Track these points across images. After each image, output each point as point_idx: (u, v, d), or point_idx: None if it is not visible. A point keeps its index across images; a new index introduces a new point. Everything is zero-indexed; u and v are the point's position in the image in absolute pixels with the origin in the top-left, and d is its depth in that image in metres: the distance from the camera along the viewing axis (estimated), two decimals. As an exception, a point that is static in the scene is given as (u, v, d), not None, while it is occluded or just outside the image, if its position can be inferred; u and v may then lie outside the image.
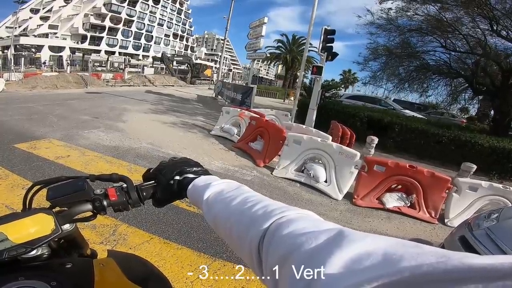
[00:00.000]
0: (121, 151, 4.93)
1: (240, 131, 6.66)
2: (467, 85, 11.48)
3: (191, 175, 0.64)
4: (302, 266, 0.28)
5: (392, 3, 10.85)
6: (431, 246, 0.24)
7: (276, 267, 0.31)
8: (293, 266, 0.29)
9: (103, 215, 0.61)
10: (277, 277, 0.31)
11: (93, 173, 0.64)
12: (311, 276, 0.26)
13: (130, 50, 53.07)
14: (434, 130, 7.69)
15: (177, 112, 10.16)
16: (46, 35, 43.77)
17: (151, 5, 57.01)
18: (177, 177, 0.63)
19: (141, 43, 55.93)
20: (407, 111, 13.64)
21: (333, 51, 8.29)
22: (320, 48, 8.23)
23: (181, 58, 34.73)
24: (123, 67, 30.16)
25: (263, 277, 0.35)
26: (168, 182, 0.63)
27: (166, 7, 61.12)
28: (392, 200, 4.05)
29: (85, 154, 4.55)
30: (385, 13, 11.05)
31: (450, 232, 2.80)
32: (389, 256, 0.24)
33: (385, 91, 13.79)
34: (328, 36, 8.17)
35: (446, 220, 3.94)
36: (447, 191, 3.97)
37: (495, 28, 9.11)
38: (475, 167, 4.57)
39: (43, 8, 47.18)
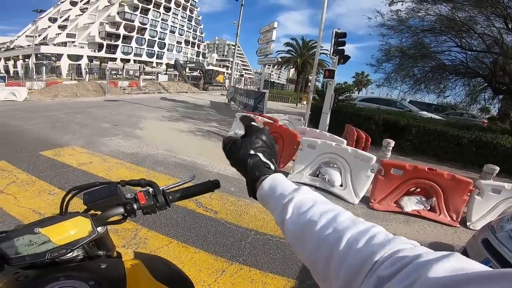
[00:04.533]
0: (140, 157, 5.08)
1: (253, 136, 6.67)
2: (486, 84, 11.12)
3: (272, 165, 0.59)
4: (414, 270, 0.32)
5: (402, 4, 10.69)
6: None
7: (387, 277, 0.34)
8: (404, 272, 0.33)
9: (133, 218, 0.65)
10: (384, 285, 0.34)
11: (115, 179, 0.68)
12: (419, 274, 0.31)
13: (144, 57, 54.45)
14: (453, 131, 7.47)
15: (192, 119, 10.33)
16: (64, 44, 45.40)
17: (163, 13, 58.41)
18: (261, 156, 0.58)
19: (154, 51, 57.29)
20: (424, 112, 13.29)
21: (345, 54, 8.24)
22: (332, 51, 8.17)
23: (194, 65, 35.21)
24: (138, 75, 31.02)
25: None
26: (245, 159, 0.58)
27: (177, 14, 62.47)
28: (411, 204, 3.97)
29: (107, 160, 4.71)
30: (395, 14, 10.90)
31: (472, 235, 2.72)
32: (485, 272, 0.29)
33: (400, 93, 13.53)
34: (339, 39, 8.11)
35: (468, 223, 3.83)
36: (469, 193, 3.86)
37: (510, 26, 8.82)
38: (498, 168, 4.43)
39: (60, 17, 49.13)
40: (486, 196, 3.83)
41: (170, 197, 0.69)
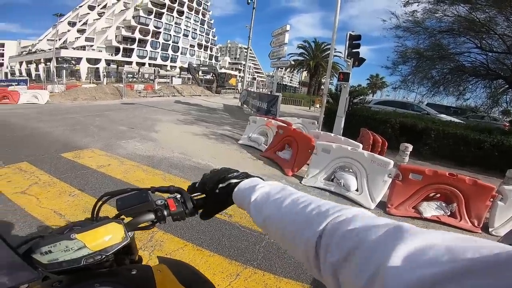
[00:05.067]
0: (156, 160, 5.15)
1: (267, 140, 6.68)
2: (507, 86, 10.71)
3: (234, 180, 0.66)
4: (366, 260, 0.29)
5: (417, 5, 10.47)
6: (488, 240, 0.25)
7: (339, 263, 0.33)
8: (357, 261, 0.30)
9: (162, 224, 0.66)
10: (339, 273, 0.32)
11: (132, 181, 0.69)
12: (378, 267, 0.27)
13: (159, 61, 55.57)
14: (474, 135, 7.20)
15: (205, 122, 10.42)
16: (83, 48, 46.93)
17: (176, 17, 59.54)
18: (221, 185, 0.66)
19: (168, 54, 58.42)
20: (443, 115, 12.82)
21: (360, 56, 8.12)
22: (346, 54, 8.08)
23: (207, 68, 35.55)
24: (153, 78, 31.66)
25: (320, 274, 0.37)
26: (214, 192, 0.66)
27: (190, 18, 63.53)
28: (430, 209, 3.85)
29: (124, 163, 4.81)
30: (411, 15, 10.67)
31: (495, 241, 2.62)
32: (451, 248, 0.25)
33: (417, 95, 13.23)
34: (354, 42, 8.01)
35: (490, 229, 3.70)
36: (491, 199, 3.72)
37: None
38: (522, 174, 4.24)
39: (79, 21, 50.97)
40: (510, 201, 3.68)
41: (198, 204, 0.69)
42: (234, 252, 2.62)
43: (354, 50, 8.02)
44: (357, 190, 4.33)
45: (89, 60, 43.90)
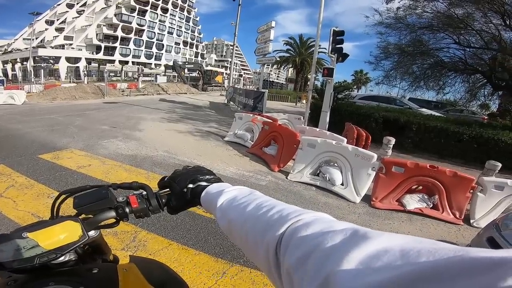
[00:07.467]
0: (139, 159, 5.05)
1: (253, 136, 6.67)
2: (485, 81, 11.16)
3: (204, 183, 0.65)
4: (319, 265, 0.28)
5: (399, 1, 10.73)
6: (446, 243, 0.24)
7: (293, 269, 0.32)
8: (311, 266, 0.29)
9: (126, 222, 0.64)
10: (293, 279, 0.32)
11: (113, 181, 0.67)
12: (329, 274, 0.26)
13: (143, 59, 54.23)
14: (454, 128, 7.46)
15: (191, 120, 10.30)
16: (62, 46, 45.14)
17: (160, 14, 58.14)
18: (191, 185, 0.65)
19: (152, 52, 57.13)
20: (424, 109, 13.22)
21: (344, 52, 8.22)
22: (330, 49, 8.16)
23: (192, 66, 35.22)
24: (137, 77, 30.99)
25: (279, 281, 0.36)
26: (182, 190, 0.65)
27: (174, 16, 62.22)
28: (413, 202, 3.94)
29: (105, 163, 4.68)
30: (393, 12, 10.93)
31: (476, 233, 2.70)
32: (406, 252, 0.24)
33: (400, 90, 13.58)
34: (337, 37, 8.10)
35: (472, 221, 3.80)
36: (471, 191, 3.83)
37: (508, 22, 8.83)
38: (499, 165, 4.40)
39: (57, 20, 48.83)
40: (489, 193, 3.80)
41: (163, 200, 0.67)
42: (220, 250, 2.59)
43: (337, 46, 8.10)
44: (342, 184, 4.38)
45: (68, 59, 42.31)
